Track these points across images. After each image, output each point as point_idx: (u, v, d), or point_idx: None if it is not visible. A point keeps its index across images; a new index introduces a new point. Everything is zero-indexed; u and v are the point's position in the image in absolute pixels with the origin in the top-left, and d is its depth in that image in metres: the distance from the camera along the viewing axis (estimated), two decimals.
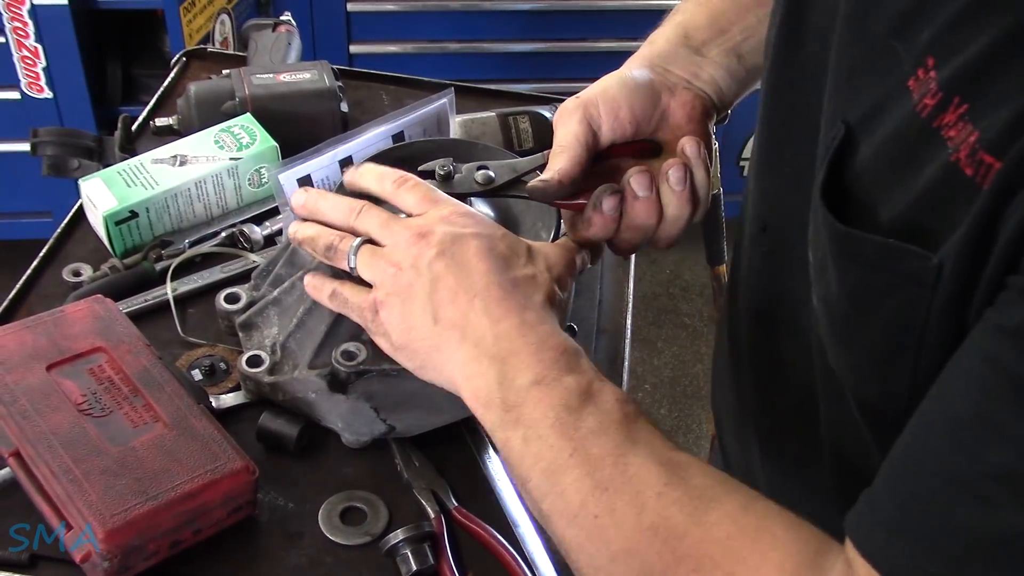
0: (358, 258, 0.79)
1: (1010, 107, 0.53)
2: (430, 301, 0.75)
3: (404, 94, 1.39)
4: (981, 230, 0.54)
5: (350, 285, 0.81)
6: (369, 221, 0.80)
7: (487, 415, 0.72)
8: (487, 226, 0.79)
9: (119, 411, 0.88)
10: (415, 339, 0.76)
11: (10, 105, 2.39)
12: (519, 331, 0.73)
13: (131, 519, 0.80)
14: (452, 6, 2.63)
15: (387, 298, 0.77)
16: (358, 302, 0.80)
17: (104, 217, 1.10)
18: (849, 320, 0.66)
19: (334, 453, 0.96)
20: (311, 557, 0.88)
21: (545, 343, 0.72)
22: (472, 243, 0.76)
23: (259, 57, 1.37)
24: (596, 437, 0.68)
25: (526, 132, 1.19)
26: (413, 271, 0.76)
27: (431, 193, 0.81)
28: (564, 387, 0.70)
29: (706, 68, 0.89)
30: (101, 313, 0.96)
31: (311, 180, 1.06)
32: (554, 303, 0.77)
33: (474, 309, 0.74)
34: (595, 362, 1.06)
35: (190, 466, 0.85)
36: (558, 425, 0.69)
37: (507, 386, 0.71)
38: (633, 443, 0.68)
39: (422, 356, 0.77)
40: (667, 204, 0.84)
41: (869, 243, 0.61)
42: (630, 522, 0.65)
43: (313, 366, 0.93)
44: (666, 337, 2.86)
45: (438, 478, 0.94)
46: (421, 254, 0.76)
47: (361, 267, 0.79)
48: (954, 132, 0.56)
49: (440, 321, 0.75)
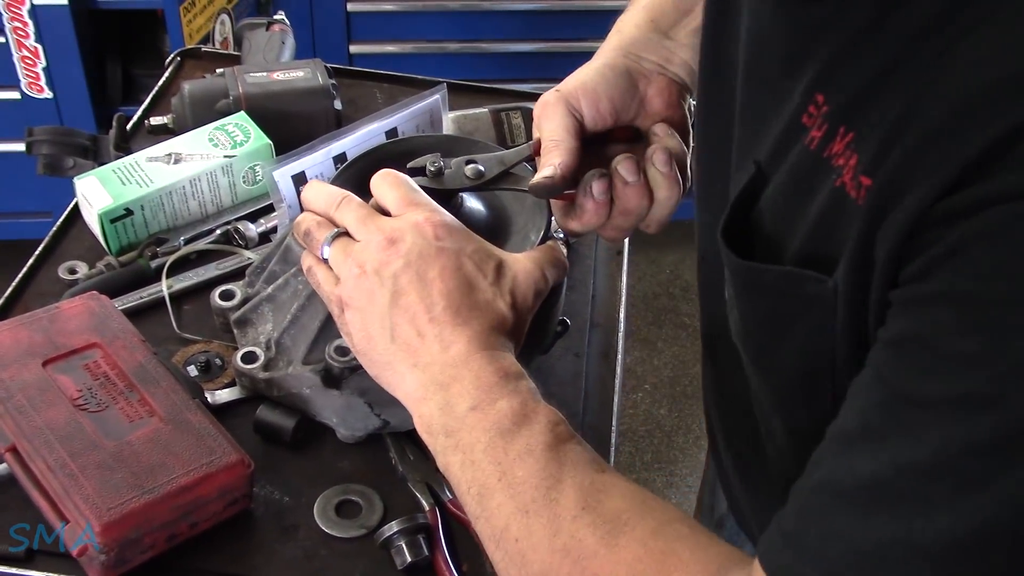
0: (331, 249, 0.79)
1: (883, 128, 0.56)
2: (389, 316, 0.75)
3: (398, 92, 1.39)
4: (861, 251, 0.57)
5: (324, 269, 0.81)
6: (348, 214, 0.80)
7: (431, 441, 0.74)
8: (458, 239, 0.78)
9: (115, 406, 0.89)
10: (372, 350, 0.77)
11: (10, 105, 2.40)
12: (465, 358, 0.73)
13: (127, 512, 0.81)
14: (452, 6, 2.63)
15: (350, 300, 0.77)
16: (328, 291, 0.80)
17: (99, 215, 1.10)
18: (764, 350, 0.69)
19: (329, 447, 0.97)
20: (306, 550, 0.89)
21: (486, 368, 0.73)
22: (439, 260, 0.76)
23: (253, 56, 1.38)
24: (523, 460, 0.69)
25: (518, 127, 1.19)
26: (376, 278, 0.76)
27: (411, 194, 0.80)
28: (498, 411, 0.71)
29: (677, 52, 0.90)
30: (96, 309, 0.97)
31: (305, 177, 1.07)
32: (507, 327, 0.77)
33: (428, 333, 0.74)
34: (588, 356, 1.08)
35: (186, 460, 0.85)
36: (490, 449, 0.70)
37: (448, 412, 0.72)
38: (559, 465, 0.68)
39: (378, 368, 0.78)
40: (656, 186, 0.84)
41: (769, 273, 0.64)
42: (545, 544, 0.66)
43: (307, 362, 0.94)
44: (666, 337, 2.86)
45: (432, 471, 0.94)
46: (388, 262, 0.76)
47: (332, 260, 0.79)
48: (842, 160, 0.59)
49: (396, 340, 0.75)
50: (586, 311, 1.12)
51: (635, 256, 1.22)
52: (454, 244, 0.77)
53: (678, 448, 2.58)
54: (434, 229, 0.77)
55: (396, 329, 0.75)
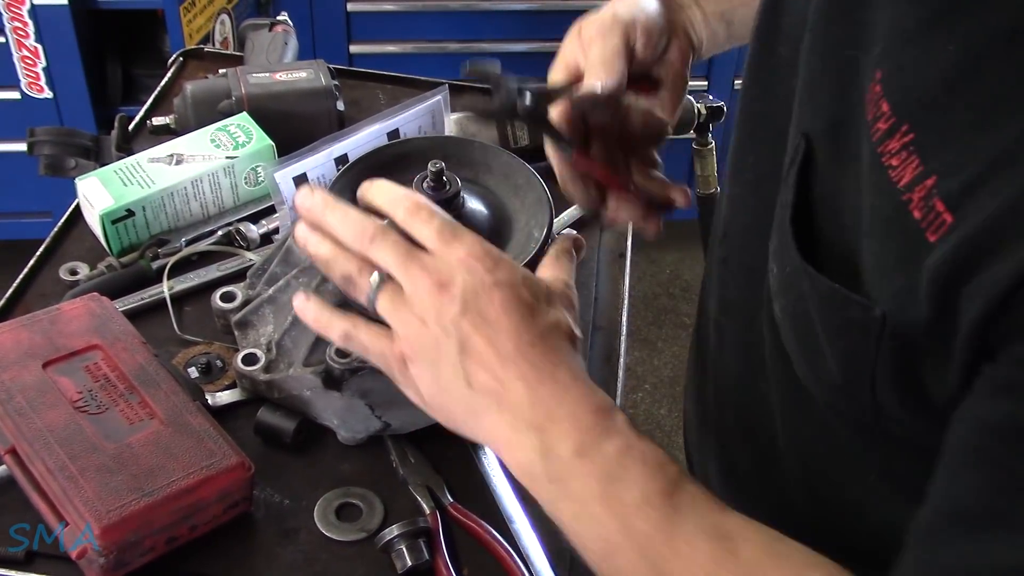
0: (379, 301, 0.74)
1: (969, 153, 0.50)
2: (461, 365, 0.71)
3: (400, 93, 1.39)
4: (937, 297, 0.52)
5: (365, 327, 0.76)
6: (385, 254, 0.74)
7: (534, 486, 0.70)
8: (506, 268, 0.73)
9: (115, 408, 0.89)
10: (449, 401, 0.73)
11: (10, 105, 2.40)
12: (555, 395, 0.70)
13: (127, 515, 0.81)
14: (452, 6, 2.63)
15: (414, 355, 0.73)
16: (380, 350, 0.75)
17: (101, 216, 1.10)
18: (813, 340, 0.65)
19: (330, 450, 0.96)
20: (307, 553, 0.89)
21: (581, 405, 0.70)
22: (496, 296, 0.71)
23: (255, 57, 1.38)
24: (642, 511, 0.66)
25: (521, 129, 1.19)
26: (439, 329, 0.71)
27: (447, 227, 0.75)
28: (604, 456, 0.68)
29: (699, 21, 0.91)
30: (97, 311, 0.96)
31: (307, 178, 1.07)
32: (576, 344, 0.75)
33: (508, 375, 0.70)
34: (591, 359, 1.07)
35: (186, 462, 0.85)
36: (605, 500, 0.67)
37: (550, 458, 0.69)
38: (679, 513, 0.65)
39: (458, 417, 0.74)
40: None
41: (820, 283, 0.60)
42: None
43: (308, 363, 0.93)
44: (666, 337, 2.86)
45: (433, 474, 0.94)
46: (444, 310, 0.71)
47: (382, 310, 0.74)
48: (896, 161, 0.54)
49: (474, 385, 0.71)
50: (588, 314, 1.12)
51: (635, 256, 1.21)
52: (505, 275, 0.73)
53: (678, 448, 2.57)
54: (481, 262, 0.72)
55: (472, 376, 0.71)
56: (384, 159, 0.96)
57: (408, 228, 0.75)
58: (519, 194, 0.93)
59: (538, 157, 0.94)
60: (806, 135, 0.63)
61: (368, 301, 0.75)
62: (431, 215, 0.75)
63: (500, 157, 0.96)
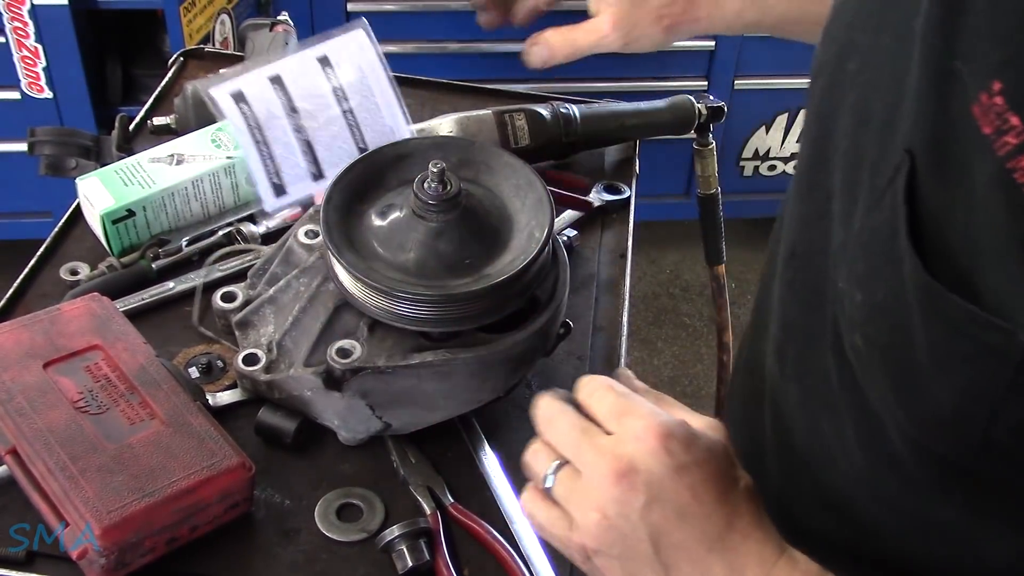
0: (556, 486, 0.71)
1: None
2: (658, 560, 0.67)
3: (403, 93, 1.39)
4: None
5: (548, 510, 0.72)
6: (560, 435, 0.71)
7: None
8: (689, 445, 0.68)
9: (116, 408, 0.89)
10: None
11: (10, 105, 2.40)
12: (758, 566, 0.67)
13: (128, 516, 0.81)
14: (452, 6, 2.63)
15: (599, 548, 0.69)
16: (561, 536, 0.71)
17: (101, 216, 1.10)
18: (911, 371, 0.59)
19: (330, 450, 0.96)
20: (307, 553, 0.89)
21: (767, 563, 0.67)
22: (684, 482, 0.67)
23: (256, 57, 1.37)
24: None
25: (522, 130, 1.19)
26: (625, 523, 0.67)
27: (620, 401, 0.71)
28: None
29: None
30: (98, 311, 0.96)
31: (244, 96, 1.04)
32: (758, 499, 0.70)
33: (712, 568, 0.67)
34: (591, 360, 1.07)
35: (187, 463, 0.85)
36: None
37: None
38: None
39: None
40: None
41: (952, 306, 0.54)
42: None
43: (308, 364, 0.93)
44: (666, 337, 2.86)
45: (434, 475, 0.94)
46: (628, 503, 0.66)
47: (558, 496, 0.70)
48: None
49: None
50: (589, 314, 1.12)
51: (635, 256, 1.21)
52: (689, 455, 0.68)
53: None
54: (662, 443, 0.67)
55: (672, 570, 0.68)
56: (384, 159, 0.96)
57: (585, 404, 0.73)
58: (519, 194, 0.93)
59: (538, 157, 0.94)
60: (909, 151, 0.57)
61: (543, 483, 0.72)
62: (607, 390, 0.72)
63: (500, 157, 0.96)
